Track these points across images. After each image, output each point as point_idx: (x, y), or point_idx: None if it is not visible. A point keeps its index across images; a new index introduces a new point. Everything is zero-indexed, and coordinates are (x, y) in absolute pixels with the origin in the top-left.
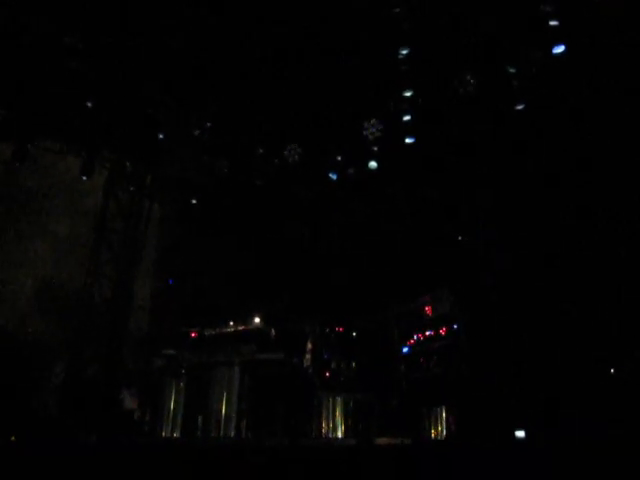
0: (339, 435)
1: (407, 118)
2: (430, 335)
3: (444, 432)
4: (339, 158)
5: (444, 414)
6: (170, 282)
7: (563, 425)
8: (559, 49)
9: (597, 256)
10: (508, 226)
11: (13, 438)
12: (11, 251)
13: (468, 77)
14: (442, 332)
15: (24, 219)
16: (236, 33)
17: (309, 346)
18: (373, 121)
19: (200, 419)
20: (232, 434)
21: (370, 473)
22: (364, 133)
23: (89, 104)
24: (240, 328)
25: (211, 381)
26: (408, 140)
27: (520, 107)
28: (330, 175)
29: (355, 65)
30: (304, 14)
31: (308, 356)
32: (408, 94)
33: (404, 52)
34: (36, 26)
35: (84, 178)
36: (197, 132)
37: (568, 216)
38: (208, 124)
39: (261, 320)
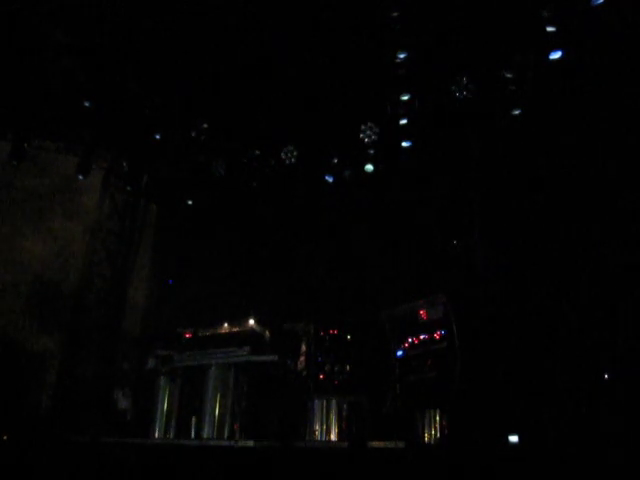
0: (332, 438)
1: (404, 122)
2: (424, 339)
3: (438, 436)
4: (335, 161)
5: (438, 418)
6: (170, 282)
7: (558, 429)
8: (556, 55)
9: (596, 260)
10: (504, 230)
11: (5, 437)
12: (6, 250)
13: (465, 81)
14: (436, 336)
15: (20, 218)
16: (233, 33)
17: (303, 348)
18: (370, 124)
19: (194, 420)
20: (225, 436)
21: (363, 476)
22: (361, 136)
23: (86, 103)
24: (234, 329)
25: (205, 382)
26: (405, 144)
27: (517, 112)
28: (326, 177)
29: (352, 68)
30: (301, 16)
31: (302, 358)
32: (405, 98)
33: (401, 56)
34: (33, 24)
35: (80, 177)
36: (194, 133)
37: (566, 220)
38: (204, 125)
39: (255, 322)
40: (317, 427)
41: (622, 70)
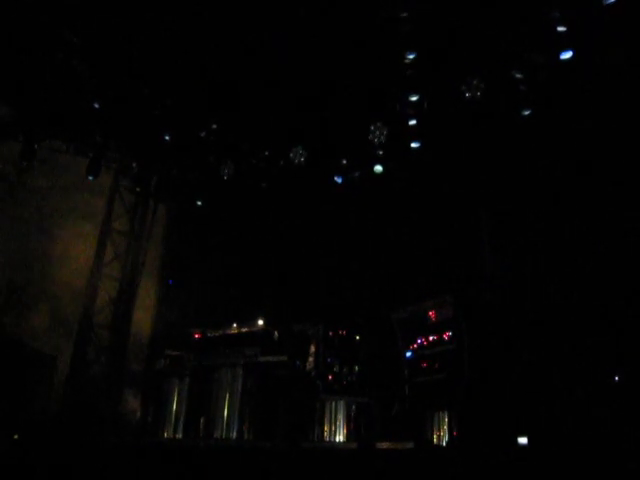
0: (341, 439)
1: (413, 122)
2: (433, 340)
3: (446, 437)
4: (344, 161)
5: (446, 419)
6: (170, 282)
7: (566, 431)
8: (567, 55)
9: (603, 260)
10: (512, 231)
11: (16, 437)
12: (16, 250)
13: (475, 82)
14: (445, 337)
15: (31, 218)
16: (242, 35)
17: (312, 349)
18: (379, 125)
19: (202, 420)
20: (234, 436)
21: (372, 477)
22: (370, 137)
23: (96, 105)
24: (243, 330)
25: (214, 382)
26: (414, 144)
27: (527, 112)
28: (335, 178)
29: (362, 68)
30: (310, 17)
31: (311, 359)
32: (414, 98)
33: (410, 56)
34: (43, 25)
35: (90, 178)
36: (203, 133)
37: (573, 221)
38: (213, 126)
39: (264, 322)
40: (326, 428)
41: (634, 70)
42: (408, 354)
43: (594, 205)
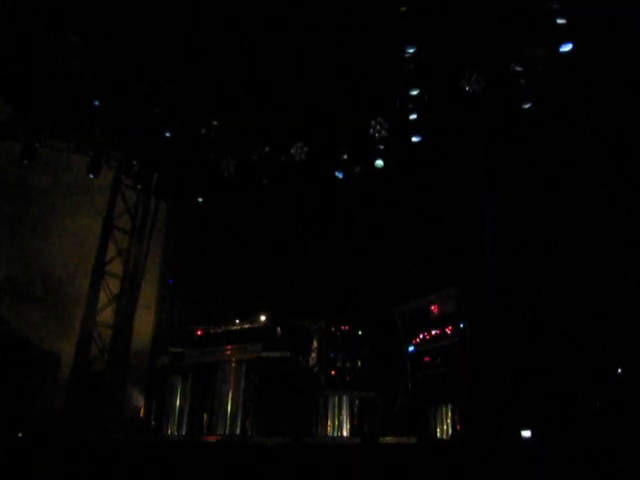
0: (344, 434)
1: (413, 117)
2: (436, 334)
3: (450, 431)
4: (345, 157)
5: (450, 413)
6: (170, 282)
7: (570, 425)
8: (567, 47)
9: (607, 256)
10: (515, 224)
11: (20, 434)
12: (20, 249)
13: (475, 76)
14: (448, 331)
15: (33, 218)
16: (242, 32)
17: (315, 344)
18: (379, 120)
19: (206, 417)
20: (237, 432)
21: (375, 472)
22: (370, 132)
23: (96, 103)
24: (246, 326)
25: (217, 379)
26: (415, 139)
27: (527, 105)
28: (336, 174)
29: (362, 63)
30: (310, 12)
31: (314, 354)
32: (414, 93)
33: (410, 50)
34: (43, 25)
35: (91, 176)
36: (203, 131)
37: (577, 216)
38: (214, 122)
39: (267, 318)
40: (329, 423)
41: (634, 62)
42: (411, 348)
43: (597, 200)
